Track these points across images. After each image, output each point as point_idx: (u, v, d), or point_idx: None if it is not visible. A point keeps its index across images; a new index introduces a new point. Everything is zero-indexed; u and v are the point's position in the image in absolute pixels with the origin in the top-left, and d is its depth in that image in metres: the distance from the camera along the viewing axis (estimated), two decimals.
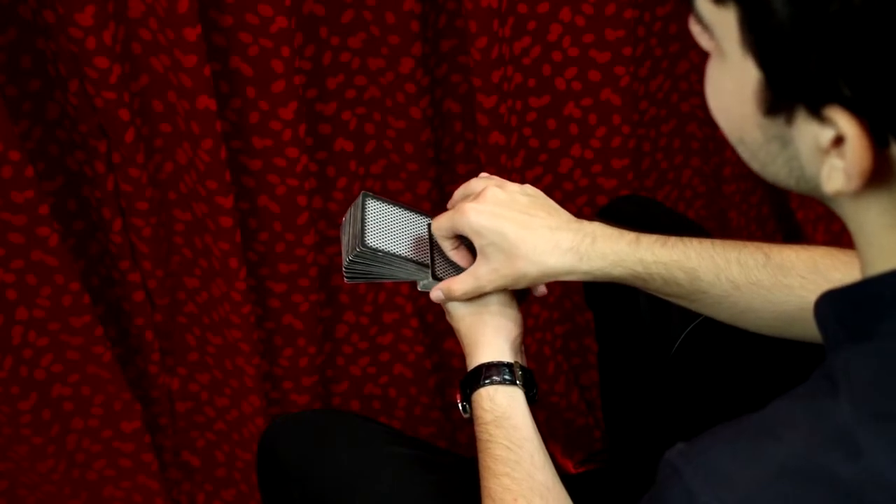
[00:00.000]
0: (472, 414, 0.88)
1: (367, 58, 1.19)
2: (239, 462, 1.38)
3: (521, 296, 0.93)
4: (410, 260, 0.91)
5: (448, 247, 0.92)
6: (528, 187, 0.91)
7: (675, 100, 1.42)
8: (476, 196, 0.88)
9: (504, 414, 0.85)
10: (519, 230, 0.85)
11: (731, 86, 0.57)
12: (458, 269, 0.92)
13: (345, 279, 0.91)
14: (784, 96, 0.54)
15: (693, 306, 0.88)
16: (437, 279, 0.91)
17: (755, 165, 0.61)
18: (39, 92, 1.10)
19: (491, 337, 0.89)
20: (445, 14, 1.20)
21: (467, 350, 0.90)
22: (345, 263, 0.90)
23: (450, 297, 0.90)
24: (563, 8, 1.23)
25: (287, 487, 1.02)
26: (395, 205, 0.94)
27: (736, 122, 0.59)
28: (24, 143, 1.09)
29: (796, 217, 1.53)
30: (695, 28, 0.58)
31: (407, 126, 1.24)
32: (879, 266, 0.57)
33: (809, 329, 0.85)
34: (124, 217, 1.17)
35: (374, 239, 0.90)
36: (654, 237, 0.86)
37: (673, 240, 0.86)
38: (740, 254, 0.85)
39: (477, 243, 0.87)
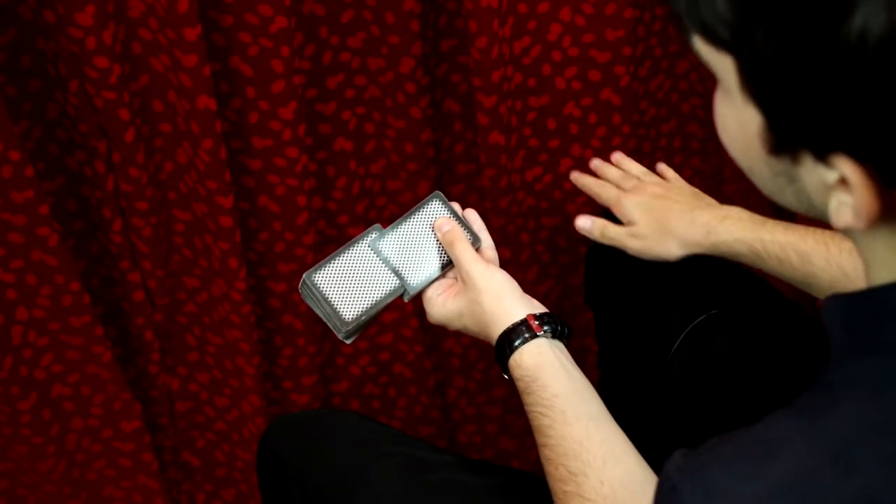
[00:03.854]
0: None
1: (367, 58, 1.19)
2: (239, 462, 1.38)
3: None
4: (385, 299, 0.94)
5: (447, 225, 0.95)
6: (676, 180, 1.09)
7: (675, 100, 1.42)
8: (634, 186, 1.06)
9: (531, 376, 0.84)
10: (666, 213, 1.02)
11: (736, 123, 0.57)
12: (416, 262, 0.95)
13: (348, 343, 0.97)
14: (787, 141, 0.54)
15: (810, 290, 0.94)
16: (413, 285, 0.94)
17: (765, 192, 0.60)
18: (39, 92, 1.10)
19: (493, 308, 0.88)
20: (445, 14, 1.20)
21: (485, 334, 0.89)
22: (343, 337, 0.94)
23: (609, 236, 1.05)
24: (563, 8, 1.23)
25: (287, 487, 1.02)
26: (330, 261, 0.95)
27: (742, 154, 0.59)
28: (24, 143, 1.09)
29: (795, 219, 1.53)
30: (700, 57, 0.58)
31: (407, 126, 1.24)
32: (886, 277, 0.56)
33: None
34: (124, 217, 1.17)
35: (348, 310, 0.93)
36: (782, 223, 0.95)
37: (796, 226, 0.94)
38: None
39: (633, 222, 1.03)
